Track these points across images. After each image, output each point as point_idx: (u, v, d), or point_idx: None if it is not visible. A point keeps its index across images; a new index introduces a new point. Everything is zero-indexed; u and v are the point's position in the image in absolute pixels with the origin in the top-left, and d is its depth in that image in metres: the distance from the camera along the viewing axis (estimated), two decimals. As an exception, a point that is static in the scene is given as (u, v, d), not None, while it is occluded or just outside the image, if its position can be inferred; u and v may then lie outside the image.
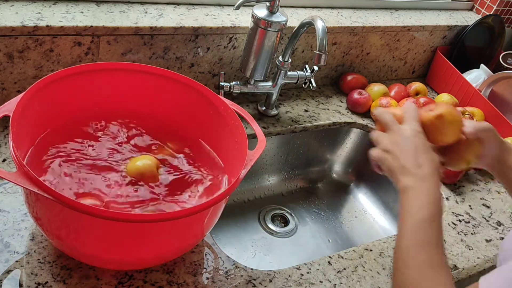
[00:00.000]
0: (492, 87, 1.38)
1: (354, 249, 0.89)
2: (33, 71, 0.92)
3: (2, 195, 0.78)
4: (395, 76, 1.49)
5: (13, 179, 0.58)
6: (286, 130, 1.14)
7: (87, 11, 0.95)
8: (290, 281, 0.80)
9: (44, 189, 0.59)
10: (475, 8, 1.59)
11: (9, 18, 0.86)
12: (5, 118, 0.67)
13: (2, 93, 0.92)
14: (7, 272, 0.68)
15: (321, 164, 1.29)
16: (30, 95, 0.71)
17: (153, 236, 0.67)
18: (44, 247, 0.73)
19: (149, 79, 0.84)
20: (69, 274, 0.70)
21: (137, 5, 1.03)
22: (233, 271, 0.79)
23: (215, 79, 1.14)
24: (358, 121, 1.25)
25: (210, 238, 0.83)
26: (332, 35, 1.23)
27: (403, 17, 1.38)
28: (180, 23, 1.01)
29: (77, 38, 0.92)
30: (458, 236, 0.99)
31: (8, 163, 0.84)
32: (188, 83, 0.85)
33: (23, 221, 0.75)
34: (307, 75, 1.14)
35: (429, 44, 1.46)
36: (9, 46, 0.87)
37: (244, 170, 0.72)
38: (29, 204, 0.67)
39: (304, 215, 1.18)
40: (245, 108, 1.10)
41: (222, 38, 1.08)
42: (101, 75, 0.81)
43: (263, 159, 1.17)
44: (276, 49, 1.07)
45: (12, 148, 0.61)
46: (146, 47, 1.00)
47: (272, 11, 1.01)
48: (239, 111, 0.83)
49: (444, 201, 1.08)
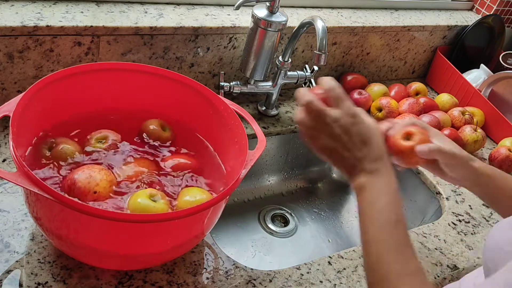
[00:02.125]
0: (492, 87, 1.38)
1: (354, 249, 0.89)
2: (33, 71, 0.92)
3: (2, 195, 0.78)
4: (395, 76, 1.49)
5: (13, 179, 0.58)
6: (286, 130, 1.14)
7: (87, 11, 0.95)
8: (290, 281, 0.80)
9: (44, 189, 0.59)
10: (475, 8, 1.59)
11: (9, 18, 0.86)
12: (5, 118, 0.67)
13: (2, 93, 0.92)
14: (7, 272, 0.68)
15: (321, 164, 1.29)
16: (30, 95, 0.71)
17: (153, 236, 0.67)
18: (44, 247, 0.73)
19: (149, 79, 0.84)
20: (69, 274, 0.70)
21: (137, 5, 1.03)
22: (233, 271, 0.79)
23: (215, 79, 1.14)
24: (358, 121, 1.24)
25: (210, 238, 0.83)
26: (332, 35, 1.23)
27: (403, 17, 1.38)
28: (180, 23, 1.01)
29: (77, 38, 0.92)
30: (458, 236, 0.99)
31: (8, 163, 0.84)
32: (188, 83, 0.85)
33: (23, 221, 0.75)
34: (307, 75, 1.14)
35: (429, 44, 1.46)
36: (9, 46, 0.87)
37: (244, 170, 0.72)
38: (29, 204, 0.67)
39: (304, 215, 1.18)
40: (245, 108, 1.10)
41: (222, 38, 1.08)
42: (101, 75, 0.81)
43: (263, 159, 1.17)
44: (276, 49, 1.07)
45: (12, 148, 0.61)
46: (146, 47, 1.00)
47: (272, 11, 1.01)
48: (239, 111, 0.83)
49: (444, 201, 1.08)
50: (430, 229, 0.99)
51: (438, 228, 1.00)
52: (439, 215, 1.07)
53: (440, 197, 1.09)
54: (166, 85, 0.85)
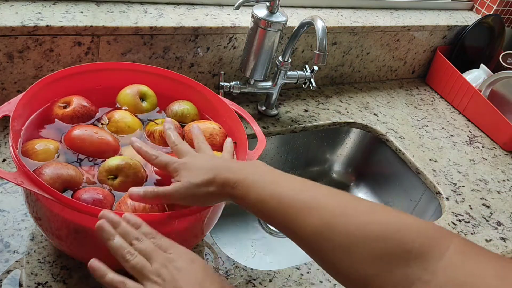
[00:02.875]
0: (492, 87, 1.38)
1: (354, 249, 0.89)
2: (33, 71, 0.92)
3: (2, 195, 0.78)
4: (395, 76, 1.49)
5: (13, 179, 0.58)
6: (286, 130, 1.14)
7: (87, 11, 0.95)
8: (290, 281, 0.80)
9: (44, 189, 0.59)
10: (475, 8, 1.59)
11: (9, 18, 0.86)
12: (5, 118, 0.67)
13: (2, 93, 0.92)
14: (7, 272, 0.68)
15: (321, 164, 1.29)
16: (30, 95, 0.71)
17: (153, 236, 0.67)
18: (44, 247, 0.73)
19: (149, 79, 0.84)
20: (69, 274, 0.70)
21: (137, 5, 1.03)
22: (233, 271, 0.79)
23: (215, 79, 1.14)
24: (358, 121, 1.25)
25: (210, 238, 0.83)
26: (332, 35, 1.23)
27: (403, 17, 1.38)
28: (180, 23, 1.01)
29: (77, 38, 0.92)
30: (458, 236, 0.99)
31: (8, 163, 0.84)
32: (188, 83, 0.85)
33: (23, 221, 0.75)
34: (307, 75, 1.14)
35: (429, 44, 1.46)
36: (9, 46, 0.87)
37: (244, 170, 0.72)
38: (29, 204, 0.67)
39: (304, 215, 1.18)
40: (245, 108, 1.10)
41: (222, 38, 1.08)
42: (101, 75, 0.82)
43: (263, 159, 1.17)
44: (276, 49, 1.07)
45: (12, 148, 0.61)
46: (146, 47, 1.00)
47: (272, 11, 1.01)
48: (238, 111, 0.83)
49: (444, 201, 1.08)
50: (430, 229, 0.98)
51: (438, 228, 0.99)
52: (439, 215, 1.07)
53: (440, 197, 1.09)
54: (166, 85, 0.85)
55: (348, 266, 0.49)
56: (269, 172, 0.59)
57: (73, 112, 0.75)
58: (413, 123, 1.32)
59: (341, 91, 1.34)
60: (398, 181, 1.21)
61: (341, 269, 0.50)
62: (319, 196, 0.54)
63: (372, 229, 0.48)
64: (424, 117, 1.36)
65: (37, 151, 0.68)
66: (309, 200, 0.54)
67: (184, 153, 0.66)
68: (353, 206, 0.52)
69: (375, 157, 1.26)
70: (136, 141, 0.67)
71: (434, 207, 1.11)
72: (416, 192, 1.16)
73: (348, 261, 0.49)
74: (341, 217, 0.50)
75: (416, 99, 1.43)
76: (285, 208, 0.54)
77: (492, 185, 1.16)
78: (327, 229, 0.50)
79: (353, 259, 0.48)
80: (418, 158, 1.18)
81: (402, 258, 0.46)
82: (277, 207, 0.55)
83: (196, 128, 0.73)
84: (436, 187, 1.11)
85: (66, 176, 0.65)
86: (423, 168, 1.15)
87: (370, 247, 0.47)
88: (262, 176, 0.58)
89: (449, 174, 1.16)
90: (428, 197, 1.13)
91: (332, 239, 0.50)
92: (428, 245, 0.46)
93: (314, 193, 0.54)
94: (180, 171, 0.62)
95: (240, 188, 0.58)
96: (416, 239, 0.46)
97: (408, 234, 0.47)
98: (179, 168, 0.63)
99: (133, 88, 0.81)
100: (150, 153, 0.65)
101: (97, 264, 0.54)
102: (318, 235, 0.51)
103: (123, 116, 0.77)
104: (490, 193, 1.14)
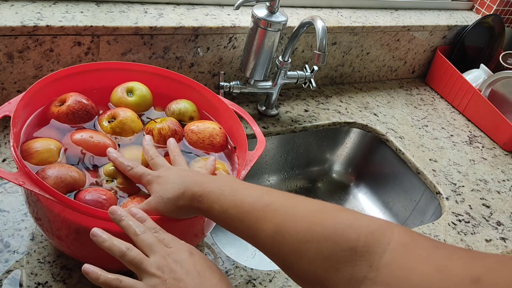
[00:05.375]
0: (492, 87, 1.38)
1: (354, 249, 0.89)
2: (33, 71, 0.92)
3: (2, 195, 0.78)
4: (395, 76, 1.49)
5: (14, 180, 0.58)
6: (286, 130, 1.14)
7: (87, 11, 0.95)
8: (290, 281, 0.80)
9: (44, 189, 0.59)
10: (475, 8, 1.59)
11: (9, 18, 0.86)
12: (5, 118, 0.67)
13: (2, 93, 0.92)
14: (7, 272, 0.68)
15: (321, 164, 1.29)
16: (30, 95, 0.71)
17: (153, 236, 0.67)
18: (44, 247, 0.73)
19: (149, 79, 0.84)
20: (69, 274, 0.70)
21: (137, 5, 1.03)
22: (233, 271, 0.79)
23: (215, 79, 1.14)
24: (358, 121, 1.25)
25: (210, 238, 0.83)
26: (332, 35, 1.23)
27: (403, 17, 1.38)
28: (180, 23, 1.01)
29: (77, 38, 0.92)
30: (458, 236, 0.99)
31: (8, 163, 0.84)
32: (188, 83, 0.85)
33: (23, 221, 0.75)
34: (307, 75, 1.14)
35: (429, 44, 1.46)
36: (9, 46, 0.87)
37: (244, 171, 0.72)
38: (29, 204, 0.67)
39: (304, 215, 1.18)
40: (245, 108, 1.10)
41: (222, 38, 1.08)
42: (101, 75, 0.82)
43: (263, 159, 1.17)
44: (276, 49, 1.07)
45: (12, 148, 0.61)
46: (146, 47, 1.00)
47: (272, 11, 1.01)
48: (238, 111, 0.83)
49: (444, 201, 1.08)
50: (430, 229, 0.99)
51: (438, 228, 1.00)
52: (439, 215, 1.07)
53: (440, 197, 1.10)
54: (166, 85, 0.85)
55: (302, 268, 0.49)
56: (234, 183, 0.60)
57: (68, 108, 0.74)
58: (413, 123, 1.32)
59: (341, 91, 1.34)
60: (398, 181, 1.21)
61: (296, 271, 0.50)
62: (275, 200, 0.55)
63: (319, 230, 0.49)
64: (424, 117, 1.36)
65: (38, 150, 0.68)
66: (265, 205, 0.55)
67: (159, 166, 0.68)
68: (303, 208, 0.53)
69: (375, 157, 1.26)
70: (112, 152, 0.69)
71: (434, 207, 1.11)
72: (416, 192, 1.16)
73: (300, 263, 0.49)
74: (291, 220, 0.51)
75: (416, 99, 1.43)
76: (245, 215, 0.55)
77: (492, 185, 1.16)
78: (279, 233, 0.52)
79: (304, 261, 0.49)
80: (418, 158, 1.18)
81: (349, 257, 0.46)
82: (237, 216, 0.56)
83: (172, 141, 0.75)
84: (436, 187, 1.11)
85: (69, 180, 0.65)
86: (423, 168, 1.15)
87: (318, 248, 0.48)
88: (226, 188, 0.59)
89: (449, 174, 1.16)
90: (428, 197, 1.13)
91: (284, 243, 0.51)
92: (371, 241, 0.45)
93: (271, 198, 0.55)
94: (153, 185, 0.64)
95: (205, 201, 0.59)
96: (360, 237, 0.46)
97: (354, 232, 0.47)
98: (152, 181, 0.65)
99: (123, 86, 0.82)
100: (125, 164, 0.67)
101: (89, 267, 0.55)
102: (273, 239, 0.52)
103: (127, 115, 0.77)
104: (490, 193, 1.14)
